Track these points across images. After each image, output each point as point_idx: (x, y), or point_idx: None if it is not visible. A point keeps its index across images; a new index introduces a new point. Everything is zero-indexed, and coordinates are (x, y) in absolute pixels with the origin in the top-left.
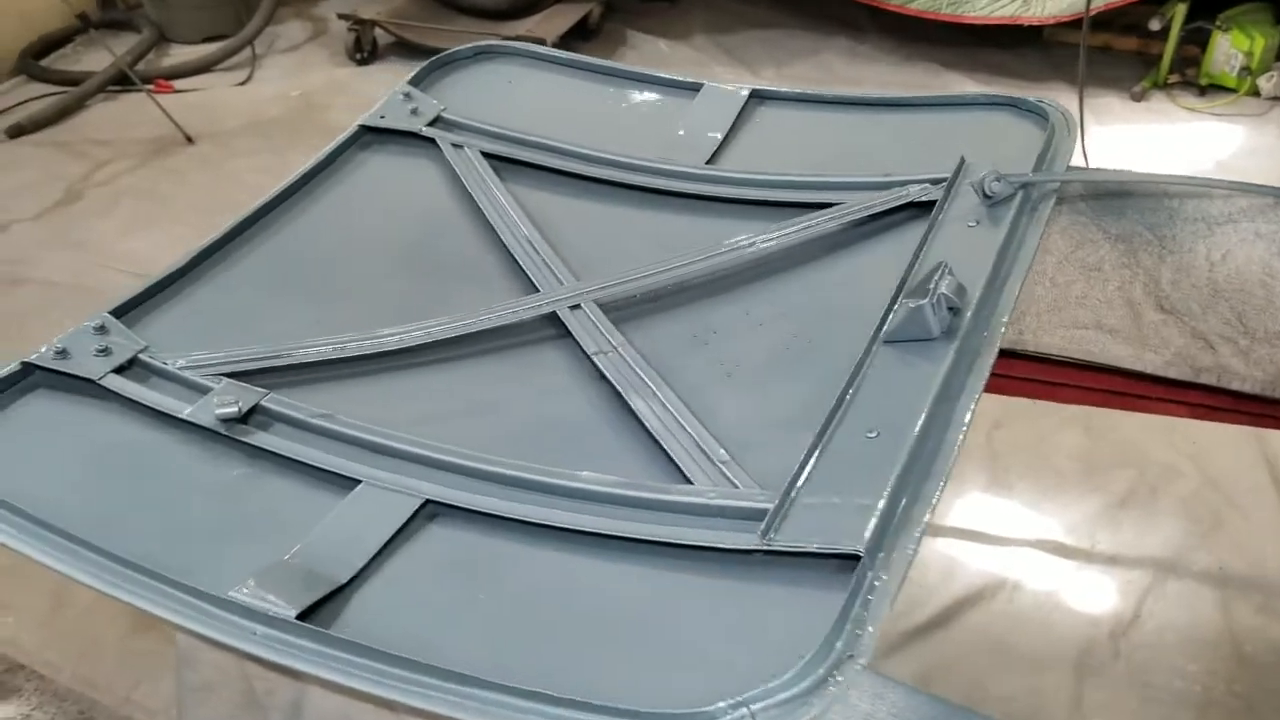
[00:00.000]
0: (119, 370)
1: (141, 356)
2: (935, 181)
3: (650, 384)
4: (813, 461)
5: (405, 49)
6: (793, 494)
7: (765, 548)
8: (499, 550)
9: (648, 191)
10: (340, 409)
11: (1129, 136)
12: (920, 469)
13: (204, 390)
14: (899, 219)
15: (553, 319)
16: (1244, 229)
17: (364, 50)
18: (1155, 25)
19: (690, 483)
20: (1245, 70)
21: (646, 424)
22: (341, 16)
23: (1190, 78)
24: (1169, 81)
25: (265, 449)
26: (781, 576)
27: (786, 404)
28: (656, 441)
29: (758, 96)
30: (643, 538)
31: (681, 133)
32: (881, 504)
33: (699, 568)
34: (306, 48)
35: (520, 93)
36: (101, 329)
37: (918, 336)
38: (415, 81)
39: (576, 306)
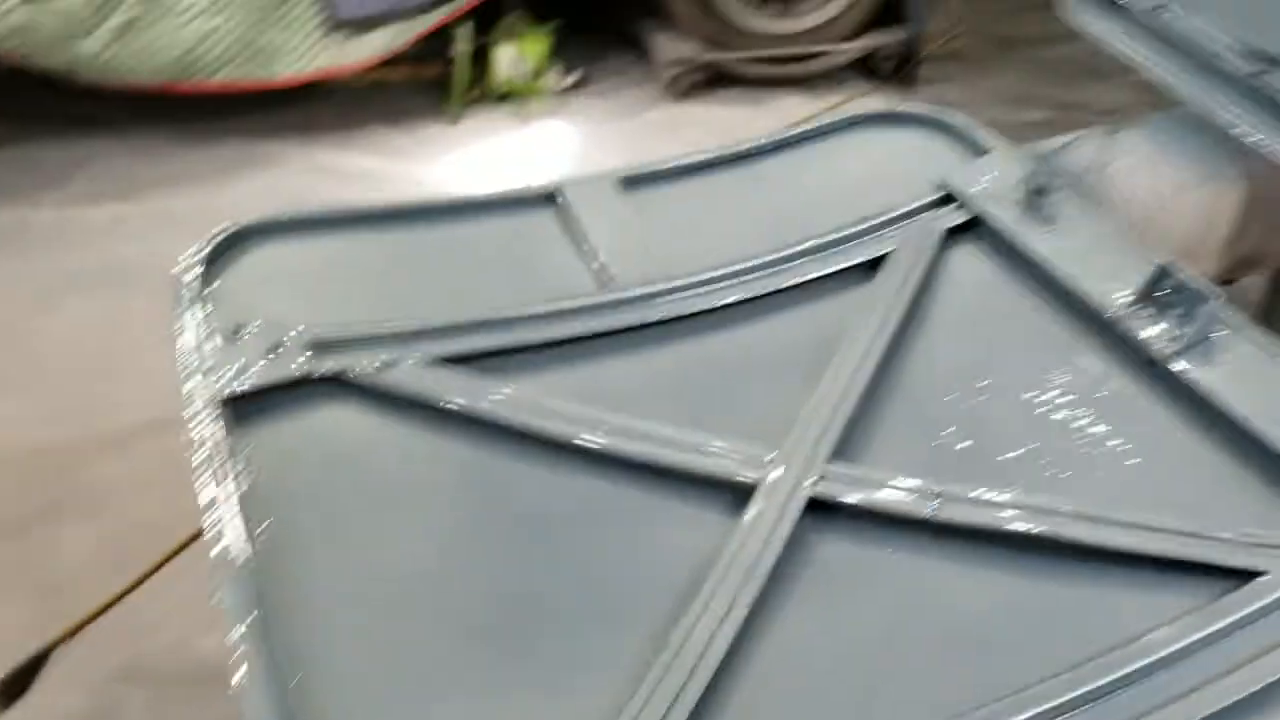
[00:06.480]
0: None
1: None
2: (923, 208)
3: (1025, 507)
4: None
5: None
6: None
7: None
8: None
9: (651, 326)
10: None
11: (486, 157)
12: None
13: None
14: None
15: (815, 506)
16: (1116, 168)
17: None
18: (461, 49)
19: (1261, 574)
20: (534, 73)
21: (1094, 544)
22: None
23: (484, 91)
24: (469, 100)
25: None
26: None
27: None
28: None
29: (629, 182)
30: None
31: (603, 257)
32: None
33: None
34: None
35: (348, 274)
36: None
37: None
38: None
39: (820, 478)
